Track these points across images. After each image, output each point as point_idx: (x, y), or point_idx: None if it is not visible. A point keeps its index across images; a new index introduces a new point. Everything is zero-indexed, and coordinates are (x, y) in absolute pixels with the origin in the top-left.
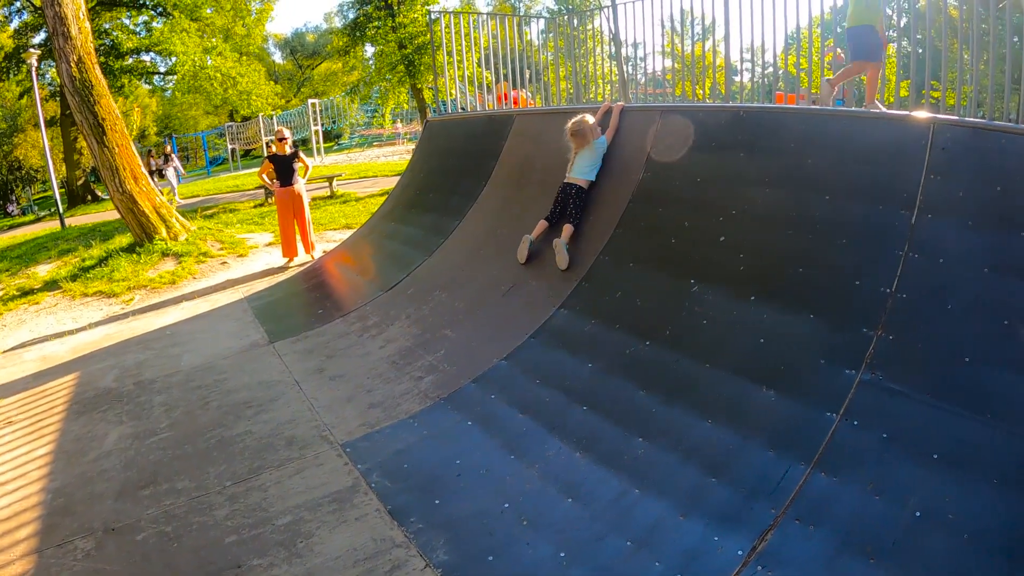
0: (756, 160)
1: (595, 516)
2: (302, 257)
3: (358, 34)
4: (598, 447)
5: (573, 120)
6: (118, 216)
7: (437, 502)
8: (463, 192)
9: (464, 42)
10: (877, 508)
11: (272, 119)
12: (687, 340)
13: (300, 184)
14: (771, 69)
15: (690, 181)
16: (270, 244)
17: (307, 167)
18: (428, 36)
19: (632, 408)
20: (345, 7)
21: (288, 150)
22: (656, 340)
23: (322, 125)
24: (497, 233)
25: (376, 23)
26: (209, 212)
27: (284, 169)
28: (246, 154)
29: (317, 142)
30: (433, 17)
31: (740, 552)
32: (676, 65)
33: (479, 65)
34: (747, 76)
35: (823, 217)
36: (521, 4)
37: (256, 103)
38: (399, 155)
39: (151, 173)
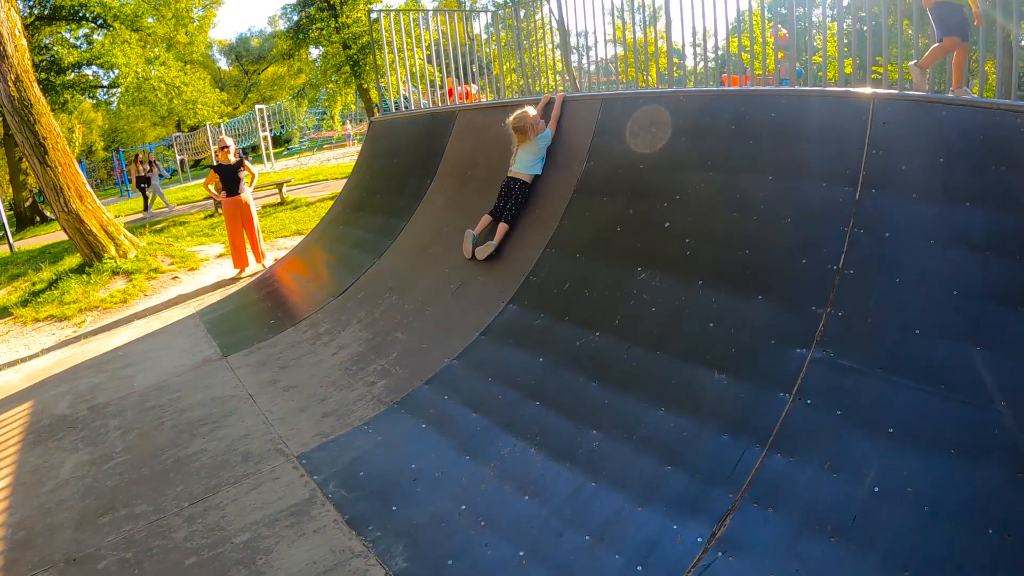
0: (698, 144)
1: (552, 512)
2: (253, 267)
3: (302, 36)
4: (552, 442)
5: (515, 114)
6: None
7: (395, 508)
8: (409, 192)
9: (407, 40)
10: (835, 486)
11: (220, 127)
12: (637, 328)
13: (247, 193)
14: (718, 53)
15: (633, 168)
16: (221, 256)
17: (253, 175)
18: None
19: (585, 400)
20: (289, 9)
21: (232, 159)
22: (606, 330)
23: (271, 130)
24: (444, 232)
25: (320, 24)
26: (159, 226)
27: (230, 179)
28: (196, 164)
29: (266, 148)
30: (373, 16)
31: (700, 539)
32: (621, 53)
33: (428, 62)
34: (696, 61)
35: (767, 197)
36: None
37: (202, 112)
38: (350, 156)
39: (139, 181)
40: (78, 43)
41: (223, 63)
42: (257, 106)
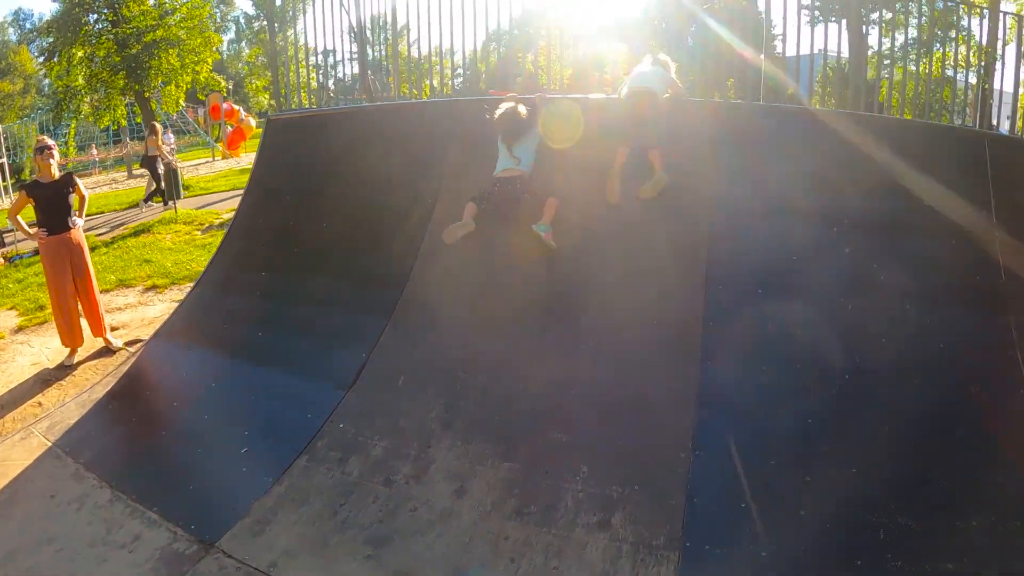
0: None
1: None
2: (91, 343)
3: (70, 35)
4: None
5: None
6: None
7: None
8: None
9: None
10: None
11: None
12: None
13: (79, 227)
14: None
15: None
16: (22, 328)
17: (84, 197)
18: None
19: None
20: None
21: (56, 172)
22: None
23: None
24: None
25: (86, 25)
26: None
27: (54, 204)
28: None
29: (3, 179)
30: None
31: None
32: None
33: None
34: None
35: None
36: (219, 9)
37: None
38: (108, 185)
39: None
40: None
41: None
42: None
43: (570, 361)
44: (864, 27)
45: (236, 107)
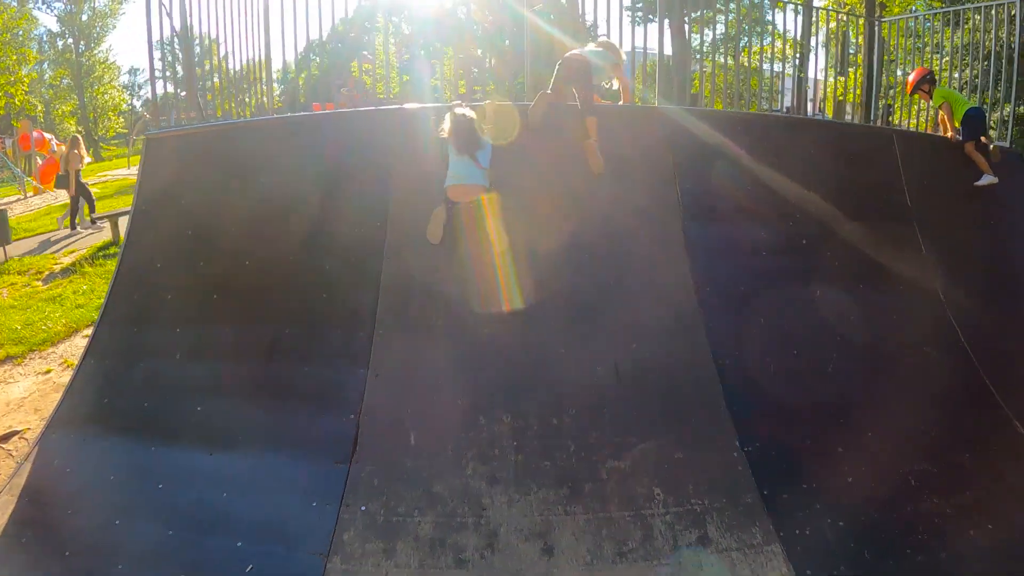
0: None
1: None
2: None
3: None
4: None
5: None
6: None
7: None
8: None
9: None
10: None
11: None
12: None
13: None
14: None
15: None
16: None
17: None
18: None
19: None
20: None
21: None
22: None
23: None
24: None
25: None
26: None
27: None
28: None
29: None
30: None
31: None
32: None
33: None
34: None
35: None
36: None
37: None
38: None
39: None
40: None
41: None
42: None
43: (592, 379)
44: (686, 24)
45: (47, 135)
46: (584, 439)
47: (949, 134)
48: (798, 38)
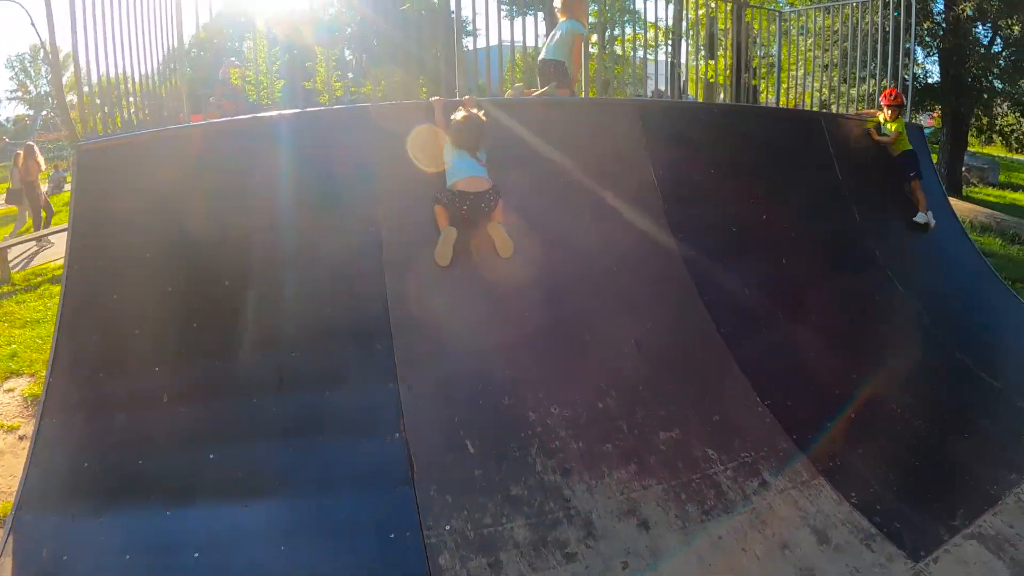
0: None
1: None
2: None
3: None
4: None
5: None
6: None
7: None
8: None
9: None
10: None
11: None
12: None
13: None
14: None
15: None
16: None
17: None
18: None
19: None
20: None
21: None
22: None
23: None
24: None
25: None
26: None
27: None
28: None
29: None
30: None
31: None
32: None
33: None
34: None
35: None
36: None
37: None
38: None
39: None
40: None
41: None
42: None
43: (619, 360)
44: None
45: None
46: (632, 417)
47: (878, 139)
48: (669, 25)
